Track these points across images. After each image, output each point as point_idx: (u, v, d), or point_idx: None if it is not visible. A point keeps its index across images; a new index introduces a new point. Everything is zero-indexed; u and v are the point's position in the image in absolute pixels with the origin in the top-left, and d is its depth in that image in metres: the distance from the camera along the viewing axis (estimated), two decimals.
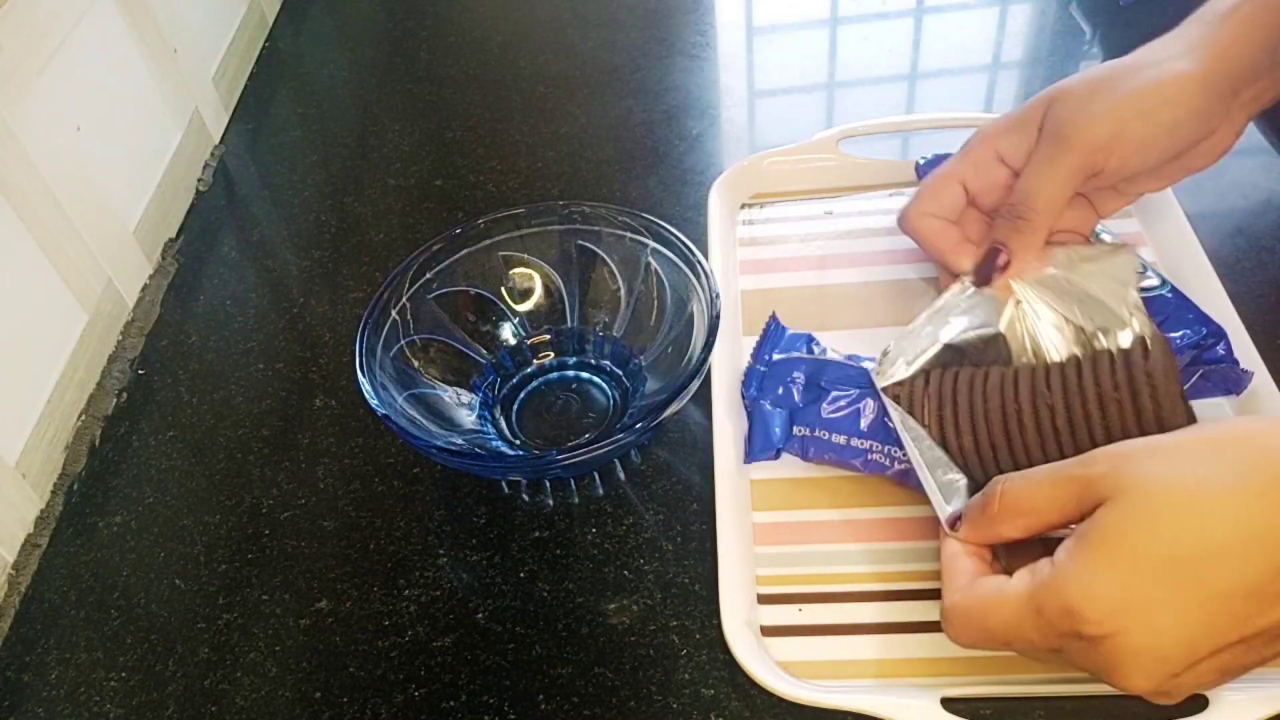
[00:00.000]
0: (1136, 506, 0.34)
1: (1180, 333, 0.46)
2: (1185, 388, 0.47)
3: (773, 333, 0.50)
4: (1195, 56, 0.44)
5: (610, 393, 0.53)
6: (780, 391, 0.48)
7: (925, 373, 0.46)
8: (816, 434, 0.47)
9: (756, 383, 0.49)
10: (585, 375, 0.54)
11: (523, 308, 0.56)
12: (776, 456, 0.48)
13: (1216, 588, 0.32)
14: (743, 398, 0.49)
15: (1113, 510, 0.34)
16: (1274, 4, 0.43)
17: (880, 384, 0.46)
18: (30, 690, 0.46)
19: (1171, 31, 0.45)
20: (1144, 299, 0.47)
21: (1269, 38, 0.43)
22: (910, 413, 0.45)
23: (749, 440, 0.48)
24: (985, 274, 0.47)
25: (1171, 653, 0.33)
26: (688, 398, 0.46)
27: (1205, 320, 0.46)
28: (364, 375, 0.47)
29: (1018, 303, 0.47)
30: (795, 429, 0.47)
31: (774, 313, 0.51)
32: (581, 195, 0.66)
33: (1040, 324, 0.46)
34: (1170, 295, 0.47)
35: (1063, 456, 0.39)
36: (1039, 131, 0.46)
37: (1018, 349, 0.46)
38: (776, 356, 0.49)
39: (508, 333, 0.55)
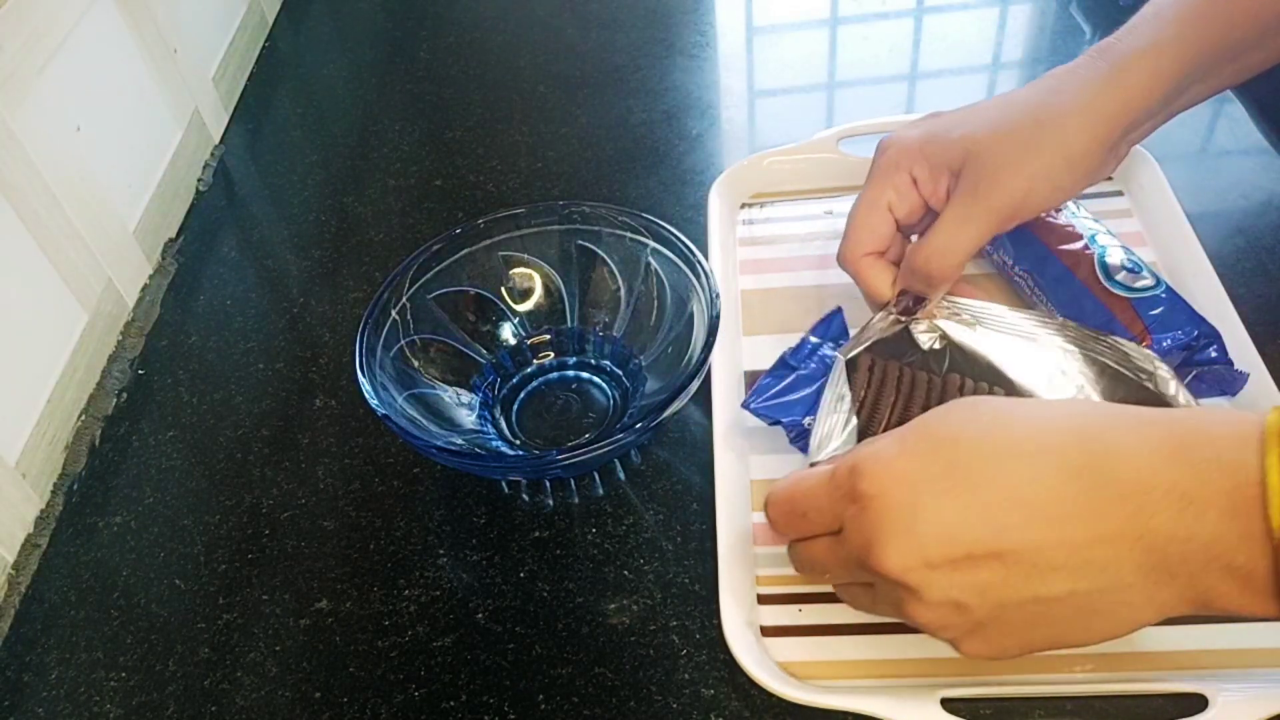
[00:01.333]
0: (949, 409, 0.36)
1: (1172, 334, 0.46)
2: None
3: (834, 323, 0.51)
4: (1097, 113, 0.44)
5: (610, 393, 0.53)
6: (815, 367, 0.48)
7: (882, 362, 0.47)
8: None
9: (807, 351, 0.49)
10: (585, 375, 0.54)
11: (523, 308, 0.56)
12: (773, 424, 0.48)
13: (991, 490, 0.33)
14: (785, 359, 0.49)
15: (928, 417, 0.36)
16: (1177, 53, 0.44)
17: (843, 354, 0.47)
18: (30, 690, 0.46)
19: (1079, 64, 0.45)
20: (1139, 298, 0.47)
21: (1168, 88, 0.44)
22: (851, 382, 0.46)
23: (761, 387, 0.48)
24: (907, 311, 0.48)
25: (928, 532, 0.33)
26: (688, 398, 0.46)
27: (1198, 321, 0.46)
28: (364, 375, 0.47)
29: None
30: (805, 419, 0.47)
31: (839, 308, 0.52)
32: (581, 195, 0.66)
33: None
34: (1164, 295, 0.47)
35: None
36: (952, 180, 0.46)
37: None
38: (828, 349, 0.49)
39: (508, 333, 0.55)
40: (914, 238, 0.50)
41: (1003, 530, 0.33)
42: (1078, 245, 0.50)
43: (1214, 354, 0.46)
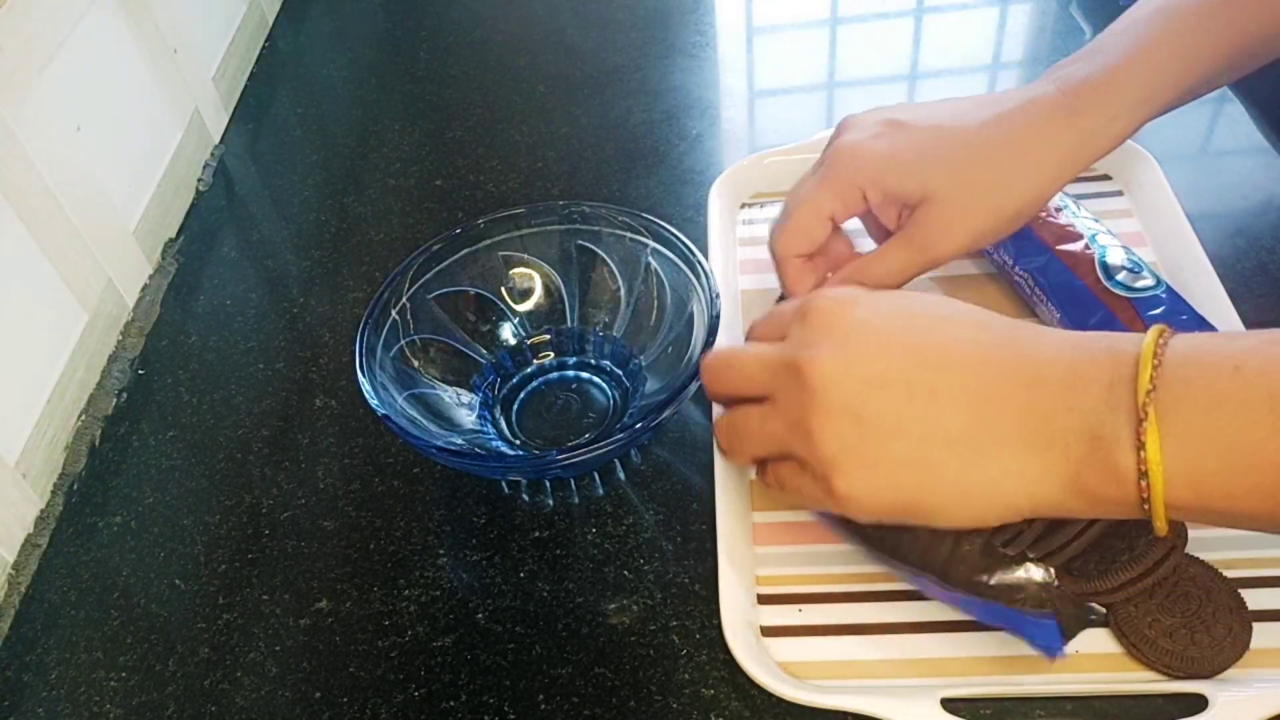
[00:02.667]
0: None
1: None
2: None
3: None
4: (1060, 172, 0.45)
5: (610, 393, 0.53)
6: None
7: None
8: None
9: None
10: (585, 375, 0.55)
11: (523, 308, 0.56)
12: None
13: (926, 335, 0.37)
14: None
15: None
16: (1153, 102, 0.45)
17: None
18: (30, 690, 0.46)
19: (1050, 108, 0.45)
20: (1139, 298, 0.47)
21: (1136, 127, 0.45)
22: None
23: None
24: None
25: (861, 347, 0.37)
26: (688, 398, 0.46)
27: (1199, 321, 0.46)
28: (364, 375, 0.47)
29: None
30: None
31: None
32: (581, 195, 0.66)
33: None
34: (1164, 295, 0.47)
35: None
36: (904, 212, 0.47)
37: None
38: None
39: (508, 333, 0.55)
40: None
41: (921, 366, 0.36)
42: (1078, 245, 0.50)
43: None
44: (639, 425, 0.44)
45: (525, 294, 0.56)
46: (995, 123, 0.45)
